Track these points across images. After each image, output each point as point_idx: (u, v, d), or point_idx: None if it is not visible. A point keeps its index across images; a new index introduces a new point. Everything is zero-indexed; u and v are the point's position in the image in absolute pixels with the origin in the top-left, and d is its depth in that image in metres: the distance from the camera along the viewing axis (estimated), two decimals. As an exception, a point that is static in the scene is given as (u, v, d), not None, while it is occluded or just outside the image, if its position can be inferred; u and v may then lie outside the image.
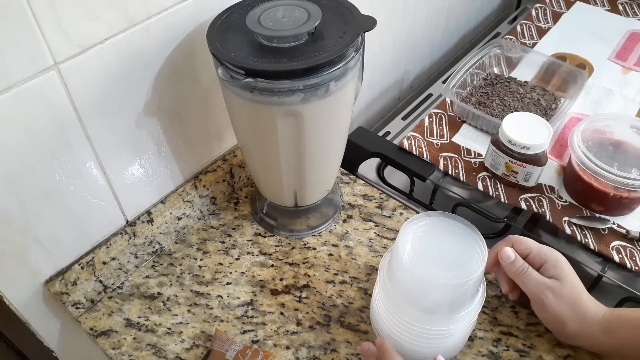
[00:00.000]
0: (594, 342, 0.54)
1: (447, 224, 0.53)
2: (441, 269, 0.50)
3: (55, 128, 0.50)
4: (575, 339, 0.55)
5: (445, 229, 0.53)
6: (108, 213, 0.60)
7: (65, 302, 0.58)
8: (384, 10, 0.88)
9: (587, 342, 0.55)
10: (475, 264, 0.50)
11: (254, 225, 0.70)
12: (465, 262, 0.50)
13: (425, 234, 0.53)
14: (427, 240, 0.52)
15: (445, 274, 0.49)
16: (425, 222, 0.53)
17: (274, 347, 0.58)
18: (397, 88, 1.10)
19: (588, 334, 0.53)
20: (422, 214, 0.54)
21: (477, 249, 0.51)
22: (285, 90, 0.50)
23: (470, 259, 0.51)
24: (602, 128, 0.75)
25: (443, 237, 0.52)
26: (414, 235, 0.52)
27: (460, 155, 0.81)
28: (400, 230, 0.52)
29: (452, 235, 0.53)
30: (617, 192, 0.68)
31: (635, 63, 0.97)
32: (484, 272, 0.50)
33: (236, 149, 0.72)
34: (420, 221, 0.53)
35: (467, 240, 0.52)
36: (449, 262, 0.50)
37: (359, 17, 0.53)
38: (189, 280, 0.64)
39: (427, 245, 0.52)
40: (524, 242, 0.57)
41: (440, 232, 0.53)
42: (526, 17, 1.11)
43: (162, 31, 0.54)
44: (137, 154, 0.60)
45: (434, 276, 0.49)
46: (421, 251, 0.51)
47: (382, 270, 0.55)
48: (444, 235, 0.53)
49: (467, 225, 0.53)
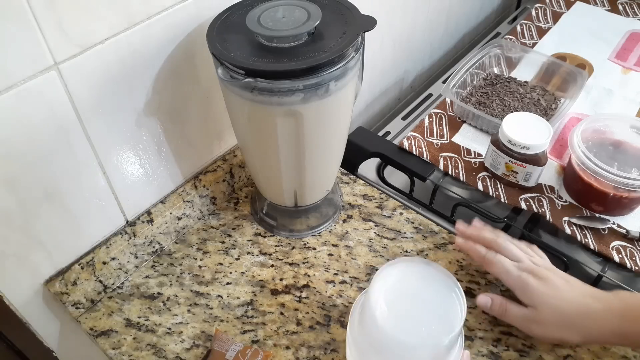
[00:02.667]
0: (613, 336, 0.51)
1: (421, 271, 0.49)
2: (418, 327, 0.46)
3: (55, 128, 0.50)
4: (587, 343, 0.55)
5: (419, 276, 0.49)
6: (108, 213, 0.60)
7: (65, 302, 0.58)
8: (384, 10, 0.88)
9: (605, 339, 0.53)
10: (454, 315, 0.46)
11: (254, 225, 0.70)
12: (444, 314, 0.46)
13: (399, 283, 0.48)
14: (401, 292, 0.48)
15: (423, 333, 0.45)
16: (399, 270, 0.49)
17: (274, 347, 0.58)
18: (397, 88, 1.10)
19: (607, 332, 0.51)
20: (396, 260, 0.49)
21: (454, 297, 0.47)
22: (285, 90, 0.50)
23: (448, 310, 0.46)
24: (602, 128, 0.75)
25: (418, 286, 0.48)
26: (386, 287, 0.48)
27: (460, 155, 0.81)
28: (373, 280, 0.48)
29: (428, 283, 0.48)
30: (617, 192, 0.68)
31: (635, 63, 0.97)
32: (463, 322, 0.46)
33: (236, 149, 0.72)
34: (393, 269, 0.49)
35: (444, 287, 0.48)
36: (426, 316, 0.47)
37: (359, 17, 0.53)
38: (189, 280, 0.64)
39: (401, 298, 0.47)
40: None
41: (415, 281, 0.49)
42: (526, 17, 1.11)
43: (162, 31, 0.54)
44: (137, 154, 0.60)
45: (411, 336, 0.45)
46: (395, 306, 0.47)
47: (353, 319, 0.50)
48: (419, 283, 0.48)
49: (441, 272, 0.49)
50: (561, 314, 0.52)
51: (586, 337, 0.52)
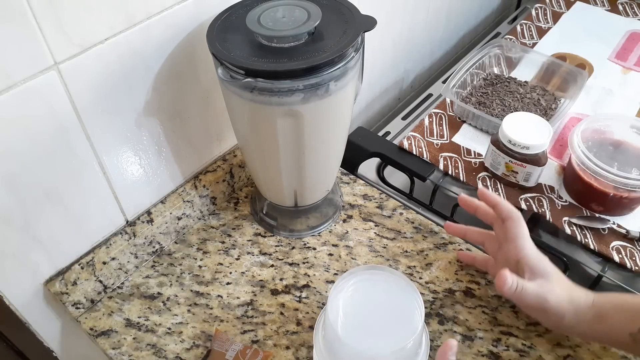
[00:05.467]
0: (587, 329, 0.53)
1: (376, 278, 0.49)
2: (380, 336, 0.45)
3: (55, 128, 0.50)
4: (571, 328, 0.54)
5: (376, 283, 0.49)
6: (108, 213, 0.60)
7: (65, 302, 0.58)
8: (384, 10, 0.88)
9: (581, 329, 0.54)
10: (414, 317, 0.46)
11: (254, 225, 0.70)
12: (405, 318, 0.46)
13: (357, 293, 0.48)
14: (359, 302, 0.48)
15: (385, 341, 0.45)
16: (355, 280, 0.49)
17: (274, 347, 0.58)
18: (397, 88, 1.10)
19: (583, 322, 0.53)
20: (351, 271, 0.49)
21: (413, 300, 0.47)
22: (285, 90, 0.50)
23: (409, 314, 0.46)
24: (602, 128, 0.75)
25: (376, 294, 0.48)
26: (344, 299, 0.48)
27: (460, 155, 0.81)
28: (330, 294, 0.47)
29: (385, 289, 0.48)
30: (617, 192, 0.68)
31: (635, 63, 0.97)
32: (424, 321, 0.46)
33: (236, 149, 0.72)
34: (350, 279, 0.49)
35: (400, 291, 0.48)
36: (387, 323, 0.46)
37: (359, 17, 0.53)
38: (189, 280, 0.64)
39: (360, 308, 0.47)
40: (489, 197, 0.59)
41: (372, 288, 0.49)
42: (526, 17, 1.11)
43: (162, 31, 0.54)
44: (137, 154, 0.60)
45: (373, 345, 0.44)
46: (354, 317, 0.46)
47: (318, 333, 0.50)
48: (377, 291, 0.48)
49: (396, 276, 0.49)
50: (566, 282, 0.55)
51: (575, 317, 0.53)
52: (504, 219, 0.57)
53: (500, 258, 0.59)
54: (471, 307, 0.61)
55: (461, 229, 0.64)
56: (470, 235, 0.63)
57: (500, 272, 0.53)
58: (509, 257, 0.56)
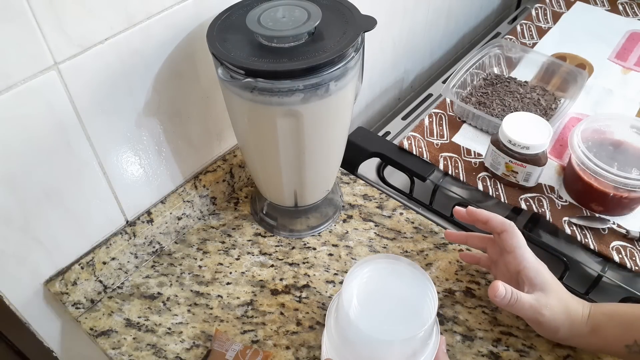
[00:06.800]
0: (582, 342, 0.54)
1: (391, 267, 0.50)
2: (392, 323, 0.46)
3: (55, 128, 0.50)
4: (566, 340, 0.55)
5: (390, 272, 0.49)
6: (108, 213, 0.60)
7: (65, 302, 0.58)
8: (384, 10, 0.88)
9: (577, 342, 0.55)
10: (426, 307, 0.47)
11: (254, 225, 0.70)
12: (416, 307, 0.47)
13: (372, 280, 0.49)
14: (373, 289, 0.48)
15: (397, 329, 0.45)
16: (371, 268, 0.50)
17: (274, 347, 0.58)
18: (397, 88, 1.10)
19: (578, 335, 0.53)
20: (367, 259, 0.50)
21: (425, 290, 0.48)
22: (285, 90, 0.50)
23: (420, 303, 0.47)
24: (602, 128, 0.75)
25: (390, 283, 0.49)
26: (359, 285, 0.48)
27: (460, 155, 0.81)
28: (345, 279, 0.48)
29: (400, 279, 0.49)
30: (617, 192, 0.68)
31: (635, 63, 0.97)
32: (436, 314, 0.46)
33: (236, 149, 0.72)
34: (366, 267, 0.50)
35: (414, 281, 0.48)
36: (399, 312, 0.47)
37: (359, 17, 0.53)
38: (189, 280, 0.64)
39: (374, 295, 0.48)
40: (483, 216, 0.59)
41: (387, 277, 0.49)
42: (526, 17, 1.11)
43: (162, 31, 0.54)
44: (137, 154, 0.60)
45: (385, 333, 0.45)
46: (368, 303, 0.47)
47: (330, 316, 0.50)
48: (392, 280, 0.49)
49: (411, 266, 0.49)
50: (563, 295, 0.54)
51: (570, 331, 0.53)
52: (499, 232, 0.57)
53: (501, 266, 0.59)
54: (471, 307, 0.61)
55: (462, 236, 0.64)
56: (472, 241, 0.63)
57: (493, 283, 0.53)
58: (509, 268, 0.57)
